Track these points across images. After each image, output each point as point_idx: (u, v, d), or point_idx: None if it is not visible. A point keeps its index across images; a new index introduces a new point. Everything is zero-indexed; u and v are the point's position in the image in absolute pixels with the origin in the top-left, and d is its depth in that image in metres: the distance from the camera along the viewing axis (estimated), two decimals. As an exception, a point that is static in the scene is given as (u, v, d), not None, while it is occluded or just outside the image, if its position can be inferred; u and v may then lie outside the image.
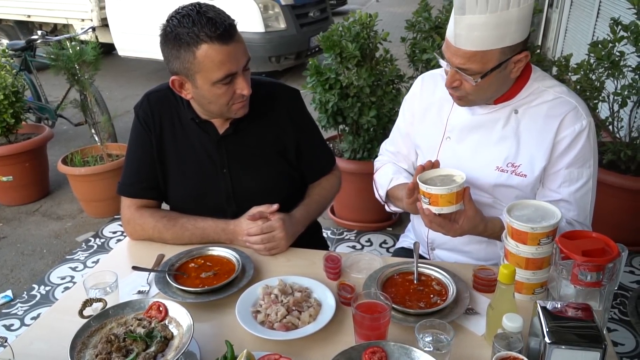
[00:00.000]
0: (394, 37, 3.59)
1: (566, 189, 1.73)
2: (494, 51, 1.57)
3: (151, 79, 8.21)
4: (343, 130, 3.86)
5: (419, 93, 1.97)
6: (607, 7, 4.92)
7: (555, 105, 1.71)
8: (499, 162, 1.76)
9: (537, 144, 1.71)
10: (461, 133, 1.84)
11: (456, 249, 1.94)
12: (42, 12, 8.73)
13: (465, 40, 1.56)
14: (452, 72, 1.65)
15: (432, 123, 1.91)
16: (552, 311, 1.22)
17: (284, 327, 1.45)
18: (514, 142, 1.74)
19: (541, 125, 1.71)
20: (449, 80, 1.67)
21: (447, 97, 1.84)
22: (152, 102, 1.95)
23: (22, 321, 3.15)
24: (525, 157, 1.73)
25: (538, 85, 1.74)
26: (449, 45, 1.61)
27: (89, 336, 1.34)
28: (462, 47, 1.57)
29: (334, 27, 3.54)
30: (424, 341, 1.28)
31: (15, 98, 4.37)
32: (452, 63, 1.63)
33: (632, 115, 3.46)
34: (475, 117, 1.80)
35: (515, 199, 1.74)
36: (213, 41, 1.63)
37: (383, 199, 2.06)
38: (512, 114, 1.75)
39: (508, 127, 1.75)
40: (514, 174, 1.74)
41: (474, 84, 1.62)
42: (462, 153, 1.83)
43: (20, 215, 4.43)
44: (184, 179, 1.95)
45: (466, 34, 1.55)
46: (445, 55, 1.65)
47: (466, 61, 1.59)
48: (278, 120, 1.96)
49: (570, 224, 1.73)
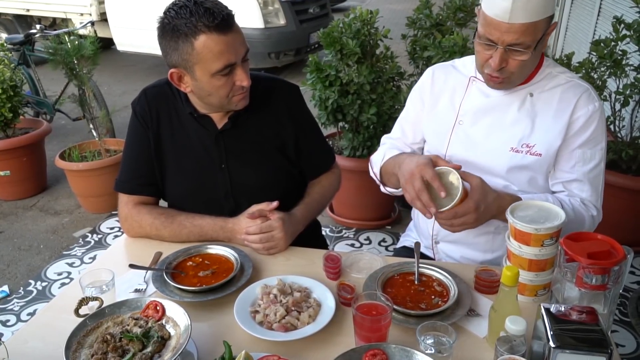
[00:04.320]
0: (394, 34, 3.57)
1: (580, 168, 1.76)
2: (542, 21, 1.59)
3: (150, 74, 8.18)
4: (343, 127, 3.84)
5: (430, 82, 1.96)
6: (609, 5, 4.91)
7: (568, 88, 1.76)
8: (514, 143, 1.77)
9: (552, 124, 1.74)
10: (474, 116, 1.84)
11: (461, 241, 1.91)
12: (41, 6, 8.68)
13: (523, 12, 1.55)
14: (500, 52, 1.63)
15: (444, 109, 1.91)
16: (556, 314, 1.21)
17: (283, 328, 1.43)
18: (529, 124, 1.76)
19: (556, 107, 1.75)
20: (497, 61, 1.64)
21: (460, 84, 1.88)
22: (150, 98, 1.93)
23: (18, 317, 3.13)
24: (539, 137, 1.75)
25: (550, 70, 1.79)
26: (499, 24, 1.59)
27: (85, 335, 1.32)
28: (517, 21, 1.56)
29: (335, 24, 3.51)
30: (425, 343, 1.27)
31: (13, 92, 4.34)
32: (503, 42, 1.61)
33: (633, 115, 3.44)
34: (489, 99, 1.82)
35: (528, 184, 1.78)
36: (211, 31, 1.62)
37: (378, 178, 2.03)
38: (527, 96, 1.78)
39: (523, 110, 1.78)
40: (528, 153, 1.76)
41: (526, 58, 1.63)
42: (475, 136, 1.83)
43: (17, 210, 4.41)
44: (182, 174, 1.94)
45: (524, 5, 1.54)
46: (492, 38, 1.62)
47: (520, 35, 1.59)
48: (277, 115, 1.94)
49: (584, 204, 1.77)
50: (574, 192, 1.79)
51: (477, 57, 1.74)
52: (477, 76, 1.85)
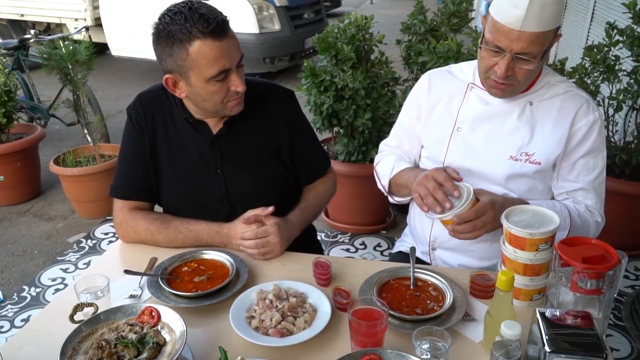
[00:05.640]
0: (389, 40, 3.58)
1: (584, 178, 1.79)
2: (551, 31, 1.60)
3: (144, 79, 8.17)
4: (338, 132, 3.85)
5: (426, 88, 1.95)
6: (602, 11, 4.93)
7: (567, 98, 1.77)
8: (513, 151, 1.77)
9: (551, 133, 1.75)
10: (473, 123, 1.84)
11: (459, 248, 1.90)
12: (35, 11, 8.68)
13: (535, 21, 1.55)
14: (507, 60, 1.63)
15: (441, 117, 1.90)
16: (551, 319, 1.21)
17: (278, 333, 1.43)
18: (528, 132, 1.77)
19: (555, 117, 1.76)
20: (504, 69, 1.64)
21: (458, 90, 1.87)
22: (145, 103, 1.93)
23: (12, 323, 3.11)
24: (538, 146, 1.76)
25: (549, 79, 1.80)
26: (509, 32, 1.58)
27: (80, 342, 1.32)
28: (528, 30, 1.56)
29: (329, 29, 3.52)
30: (421, 348, 1.27)
31: (7, 97, 4.33)
32: (511, 50, 1.61)
33: (627, 120, 3.46)
34: (489, 107, 1.82)
35: (528, 192, 1.79)
36: (206, 37, 1.62)
37: (386, 189, 2.01)
38: (527, 105, 1.79)
39: (523, 118, 1.78)
40: (527, 162, 1.77)
41: (532, 68, 1.64)
42: (473, 143, 1.83)
43: (11, 215, 4.39)
44: (177, 179, 1.93)
45: (538, 14, 1.54)
46: (501, 45, 1.62)
47: (529, 44, 1.59)
48: (272, 120, 1.94)
49: (590, 210, 1.80)
50: (578, 200, 1.81)
51: (481, 63, 1.73)
52: (475, 83, 1.85)
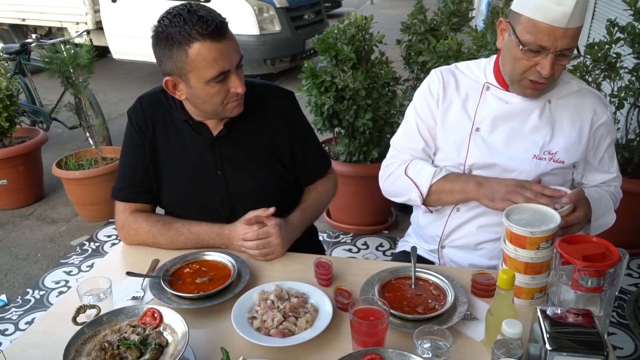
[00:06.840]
0: (389, 40, 3.58)
1: (613, 166, 1.91)
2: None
3: (145, 82, 8.18)
4: (339, 133, 3.85)
5: (440, 86, 1.88)
6: (603, 8, 4.92)
7: (582, 95, 1.81)
8: (536, 150, 1.78)
9: (570, 131, 1.79)
10: (493, 123, 1.82)
11: (468, 247, 1.90)
12: (36, 15, 8.68)
13: (578, 16, 1.57)
14: (551, 58, 1.62)
15: (457, 117, 1.86)
16: (552, 317, 1.21)
17: (280, 334, 1.43)
18: (549, 131, 1.78)
19: (573, 114, 1.79)
20: (549, 67, 1.62)
21: (473, 90, 1.86)
22: (145, 106, 1.94)
23: (16, 326, 3.12)
24: (560, 144, 1.78)
25: (562, 77, 1.80)
26: (554, 30, 1.57)
27: (83, 343, 1.32)
28: (573, 26, 1.57)
29: (329, 30, 3.52)
30: (422, 348, 1.27)
31: (9, 101, 4.34)
32: (556, 48, 1.60)
33: (628, 117, 3.46)
34: (509, 106, 1.82)
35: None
36: (205, 39, 1.62)
37: (424, 195, 1.85)
38: (546, 103, 1.80)
39: (543, 117, 1.80)
40: (552, 160, 1.78)
41: (568, 63, 1.67)
42: (494, 143, 1.82)
43: (15, 219, 4.40)
44: (178, 181, 1.94)
45: (579, 10, 1.56)
46: (545, 44, 1.60)
47: (571, 40, 1.60)
48: (272, 121, 1.94)
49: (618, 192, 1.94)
50: (612, 185, 1.91)
51: (516, 65, 1.69)
52: (491, 82, 1.84)
